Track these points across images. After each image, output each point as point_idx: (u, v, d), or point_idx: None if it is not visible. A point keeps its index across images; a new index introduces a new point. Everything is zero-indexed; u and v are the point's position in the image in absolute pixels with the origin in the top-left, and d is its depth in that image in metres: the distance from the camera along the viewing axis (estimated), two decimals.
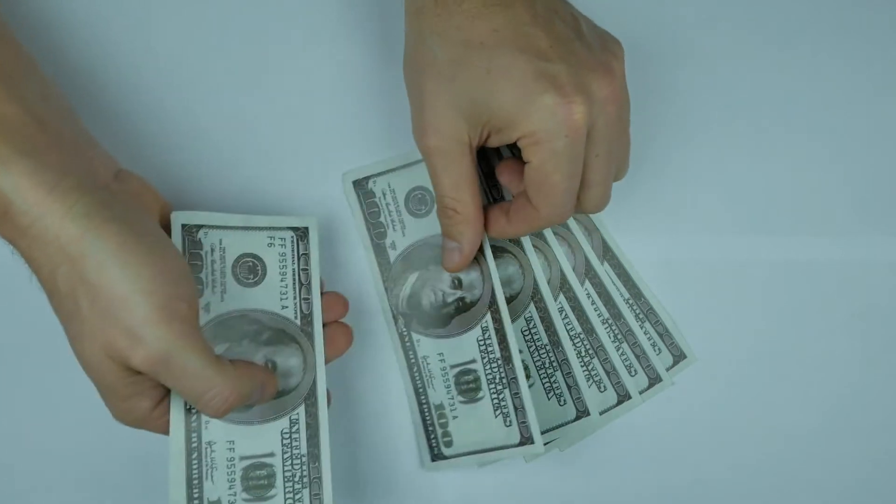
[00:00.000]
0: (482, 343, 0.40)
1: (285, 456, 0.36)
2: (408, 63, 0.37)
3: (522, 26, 0.33)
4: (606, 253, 0.44)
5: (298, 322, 0.38)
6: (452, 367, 0.40)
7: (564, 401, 0.42)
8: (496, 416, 0.39)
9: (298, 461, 0.36)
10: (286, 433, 0.36)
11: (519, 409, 0.39)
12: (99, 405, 0.33)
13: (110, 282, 0.30)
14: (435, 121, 0.35)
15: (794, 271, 0.44)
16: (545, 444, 0.42)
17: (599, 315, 0.44)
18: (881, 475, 0.44)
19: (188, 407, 0.35)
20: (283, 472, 0.36)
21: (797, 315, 0.44)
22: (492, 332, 0.40)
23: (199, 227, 0.37)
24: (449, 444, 0.40)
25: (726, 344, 0.44)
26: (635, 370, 0.43)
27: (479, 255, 0.40)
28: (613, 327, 0.44)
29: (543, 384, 0.42)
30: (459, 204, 0.36)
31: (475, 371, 0.40)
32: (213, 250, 0.38)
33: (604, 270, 0.44)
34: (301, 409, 0.37)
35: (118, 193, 0.33)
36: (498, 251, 0.42)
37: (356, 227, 0.42)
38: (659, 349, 0.44)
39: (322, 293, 0.39)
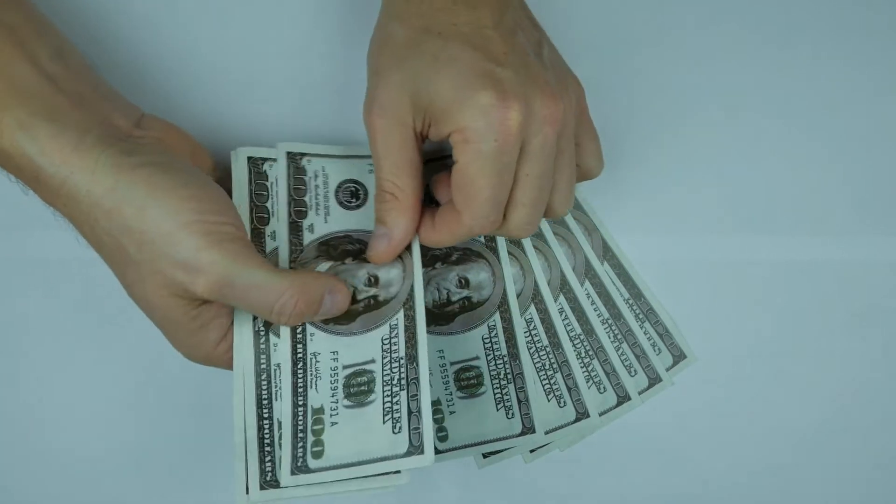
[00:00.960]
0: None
1: (384, 360, 0.37)
2: (371, 44, 0.36)
3: (483, 28, 0.33)
4: (606, 253, 0.44)
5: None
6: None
7: (564, 402, 0.42)
8: (498, 409, 0.39)
9: (397, 364, 0.37)
10: (386, 339, 0.37)
11: (523, 402, 0.39)
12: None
13: (152, 223, 0.31)
14: (382, 98, 0.34)
15: (794, 271, 0.45)
16: (545, 445, 0.42)
17: (599, 315, 0.44)
18: (881, 475, 0.44)
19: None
20: (383, 376, 0.37)
21: (797, 315, 0.44)
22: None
23: (303, 154, 0.40)
24: (444, 439, 0.40)
25: (726, 344, 0.44)
26: (635, 370, 0.43)
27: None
28: (613, 327, 0.44)
29: (543, 386, 0.42)
30: (398, 189, 0.35)
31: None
32: (316, 176, 0.40)
33: (604, 270, 0.44)
34: (400, 314, 0.38)
35: (141, 139, 0.34)
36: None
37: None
38: (659, 349, 0.44)
39: None
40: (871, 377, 0.44)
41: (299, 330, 0.37)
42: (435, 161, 0.42)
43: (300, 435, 0.36)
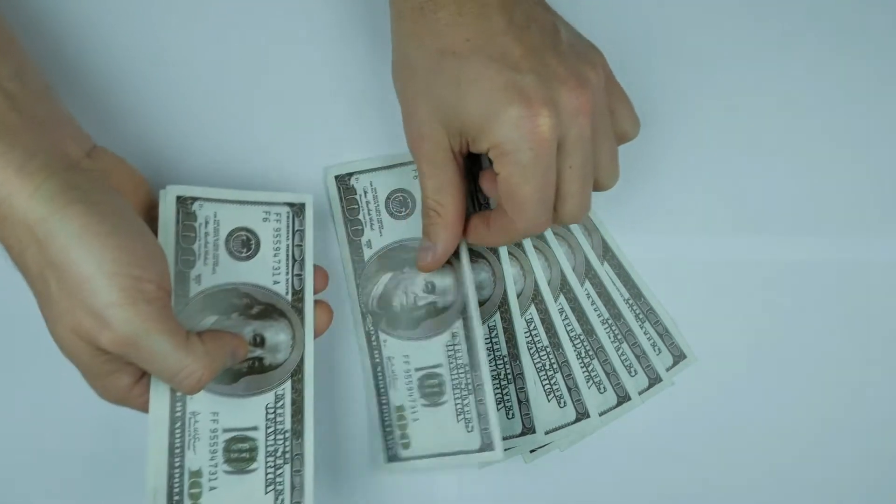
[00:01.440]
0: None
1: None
2: (394, 69, 0.37)
3: (495, 35, 0.34)
4: (606, 253, 0.44)
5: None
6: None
7: (564, 402, 0.42)
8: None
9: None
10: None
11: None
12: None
13: (74, 263, 0.30)
14: (420, 128, 0.36)
15: (793, 271, 0.45)
16: (542, 447, 0.42)
17: (599, 315, 0.44)
18: (881, 475, 0.44)
19: (367, 329, 0.38)
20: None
21: (797, 315, 0.44)
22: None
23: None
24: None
25: (726, 344, 0.44)
26: (635, 370, 0.43)
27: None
28: (613, 327, 0.44)
29: (544, 386, 0.42)
30: (441, 207, 0.37)
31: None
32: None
33: (604, 271, 0.44)
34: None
35: (89, 172, 0.33)
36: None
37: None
38: (659, 349, 0.44)
39: None
40: (870, 377, 0.44)
41: (373, 336, 0.40)
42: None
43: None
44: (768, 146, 0.45)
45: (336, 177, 0.42)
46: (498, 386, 0.41)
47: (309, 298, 0.38)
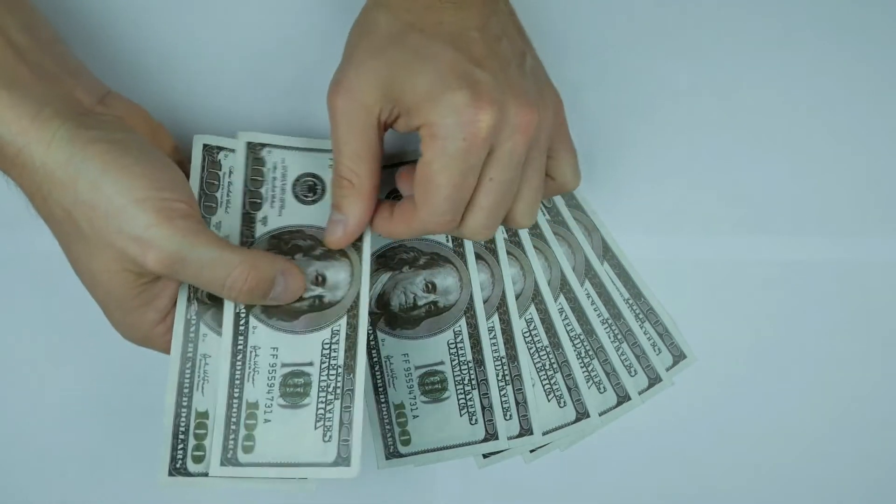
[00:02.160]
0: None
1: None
2: (353, 27, 0.36)
3: (468, 29, 0.33)
4: (606, 253, 0.44)
5: (452, 245, 0.41)
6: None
7: (564, 402, 0.42)
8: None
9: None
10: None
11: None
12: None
13: (105, 198, 0.31)
14: (350, 81, 0.34)
15: (793, 271, 0.44)
16: (543, 446, 0.42)
17: (599, 315, 0.44)
18: (881, 475, 0.44)
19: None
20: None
21: (797, 315, 0.44)
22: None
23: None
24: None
25: (726, 344, 0.44)
26: (635, 370, 0.43)
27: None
28: (613, 327, 0.44)
29: (544, 386, 0.42)
30: (355, 176, 0.35)
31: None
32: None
33: (604, 270, 0.44)
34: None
35: (102, 115, 0.34)
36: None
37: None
38: (659, 349, 0.44)
39: None
40: (871, 377, 0.44)
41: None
42: (400, 165, 0.41)
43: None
44: (769, 146, 0.45)
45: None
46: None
47: (367, 236, 0.39)
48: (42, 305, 0.42)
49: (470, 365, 0.40)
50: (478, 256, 0.42)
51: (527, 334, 0.43)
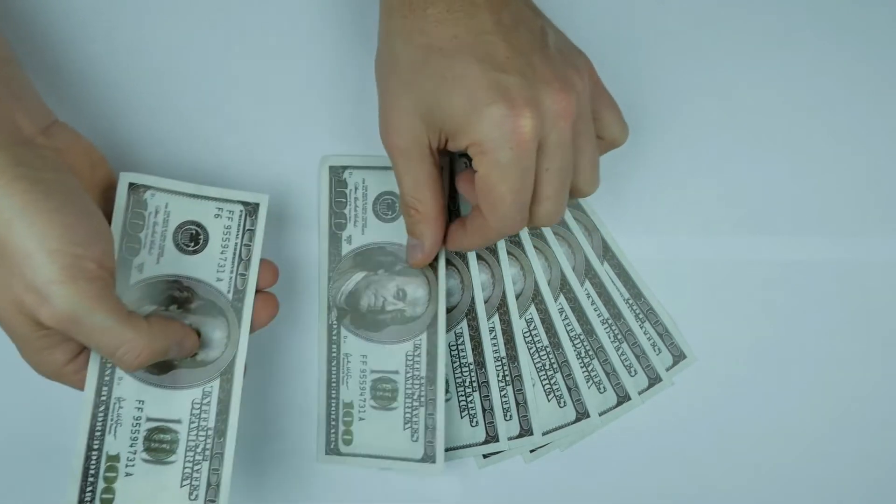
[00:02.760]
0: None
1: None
2: (377, 63, 0.37)
3: (483, 34, 0.33)
4: (606, 253, 0.44)
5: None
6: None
7: (564, 402, 0.42)
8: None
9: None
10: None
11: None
12: None
13: (17, 239, 0.30)
14: (396, 122, 0.35)
15: (793, 271, 0.44)
16: (542, 447, 0.42)
17: (599, 315, 0.44)
18: (881, 475, 0.44)
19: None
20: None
21: (797, 315, 0.44)
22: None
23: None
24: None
25: (726, 344, 0.44)
26: (635, 370, 0.43)
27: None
28: (613, 327, 0.44)
29: (544, 386, 0.42)
30: (420, 203, 0.37)
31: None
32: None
33: (604, 270, 0.44)
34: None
35: (40, 149, 0.33)
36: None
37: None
38: (659, 349, 0.44)
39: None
40: (871, 377, 0.44)
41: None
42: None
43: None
44: (769, 146, 0.45)
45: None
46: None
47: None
48: None
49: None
50: (478, 257, 0.42)
51: (527, 334, 0.43)
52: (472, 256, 0.42)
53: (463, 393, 0.42)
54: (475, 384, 0.42)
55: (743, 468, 0.43)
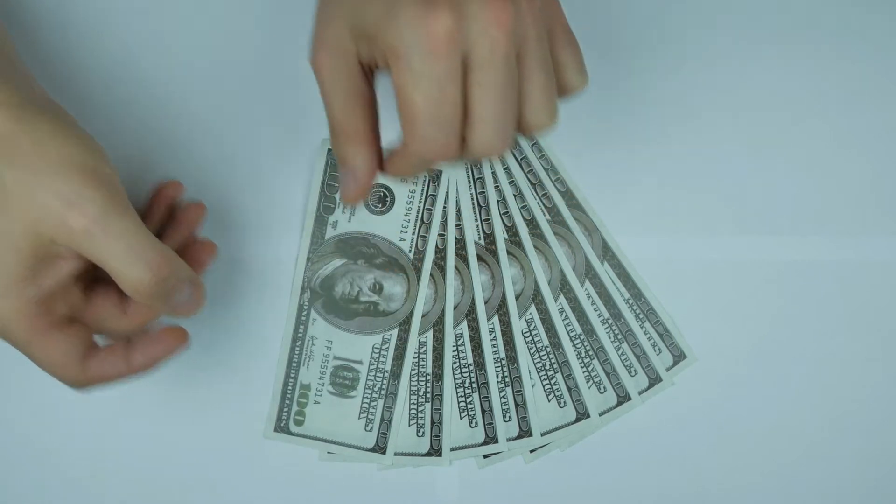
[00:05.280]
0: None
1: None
2: None
3: None
4: (606, 253, 0.44)
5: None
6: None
7: (564, 402, 0.42)
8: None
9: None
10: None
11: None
12: None
13: (42, 156, 0.31)
14: (324, 35, 0.32)
15: (793, 271, 0.44)
16: (542, 447, 0.42)
17: (599, 315, 0.44)
18: (881, 475, 0.44)
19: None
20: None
21: (797, 315, 0.44)
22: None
23: None
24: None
25: (726, 344, 0.44)
26: (635, 370, 0.43)
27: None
28: (613, 327, 0.44)
29: (544, 386, 0.42)
30: (349, 124, 0.33)
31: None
32: None
33: (604, 270, 0.44)
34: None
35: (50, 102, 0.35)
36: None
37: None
38: (659, 349, 0.44)
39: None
40: (871, 377, 0.44)
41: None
42: None
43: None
44: (769, 146, 0.45)
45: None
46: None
47: (428, 260, 0.42)
48: None
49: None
50: (479, 258, 0.42)
51: (527, 334, 0.43)
52: (472, 257, 0.42)
53: (462, 394, 0.42)
54: (475, 385, 0.42)
55: (743, 468, 0.43)
